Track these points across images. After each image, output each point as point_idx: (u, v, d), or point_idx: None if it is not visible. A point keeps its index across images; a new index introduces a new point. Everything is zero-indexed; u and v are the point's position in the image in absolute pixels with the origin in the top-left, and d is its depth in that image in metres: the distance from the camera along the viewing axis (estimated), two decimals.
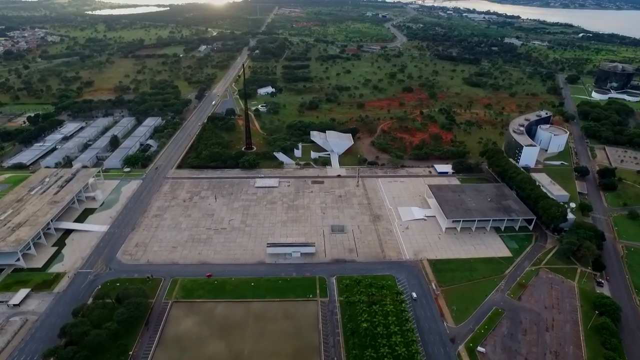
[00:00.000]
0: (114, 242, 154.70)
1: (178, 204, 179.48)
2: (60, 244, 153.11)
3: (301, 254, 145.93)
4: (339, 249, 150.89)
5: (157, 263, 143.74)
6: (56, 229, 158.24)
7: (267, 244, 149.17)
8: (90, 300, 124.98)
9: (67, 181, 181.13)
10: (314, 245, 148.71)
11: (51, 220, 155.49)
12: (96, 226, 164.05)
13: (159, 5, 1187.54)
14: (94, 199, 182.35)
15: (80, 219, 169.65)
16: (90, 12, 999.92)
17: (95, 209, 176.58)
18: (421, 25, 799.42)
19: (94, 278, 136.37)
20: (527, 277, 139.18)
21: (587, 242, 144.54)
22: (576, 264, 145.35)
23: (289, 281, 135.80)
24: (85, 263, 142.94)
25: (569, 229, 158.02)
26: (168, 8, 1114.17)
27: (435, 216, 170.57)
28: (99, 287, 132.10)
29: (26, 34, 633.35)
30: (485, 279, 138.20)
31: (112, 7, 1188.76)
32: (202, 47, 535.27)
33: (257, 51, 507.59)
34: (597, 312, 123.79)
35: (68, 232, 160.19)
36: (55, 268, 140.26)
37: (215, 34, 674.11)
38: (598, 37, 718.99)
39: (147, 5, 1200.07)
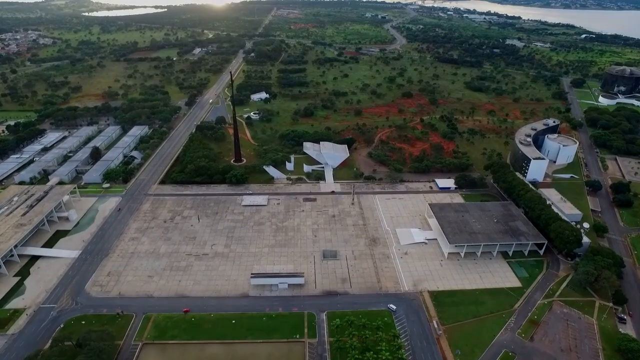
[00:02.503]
0: (85, 270, 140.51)
1: (158, 225, 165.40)
2: (24, 273, 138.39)
3: (289, 285, 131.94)
4: (330, 279, 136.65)
5: (130, 296, 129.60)
6: (21, 256, 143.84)
7: (251, 274, 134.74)
8: (48, 344, 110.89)
9: (39, 200, 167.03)
10: (303, 276, 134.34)
11: (15, 246, 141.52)
12: (66, 251, 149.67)
13: (156, 7, 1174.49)
14: (67, 219, 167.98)
15: (51, 242, 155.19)
16: (86, 14, 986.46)
17: (68, 231, 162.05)
18: (421, 27, 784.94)
19: (57, 315, 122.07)
20: (540, 312, 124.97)
21: (607, 271, 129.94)
22: (593, 295, 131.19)
23: (274, 318, 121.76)
24: (50, 296, 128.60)
25: (583, 255, 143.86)
26: (165, 9, 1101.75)
27: (436, 239, 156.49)
28: (62, 326, 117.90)
29: (18, 37, 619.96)
30: (492, 315, 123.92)
31: (109, 8, 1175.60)
32: (197, 50, 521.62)
33: (252, 54, 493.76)
34: None
35: (35, 258, 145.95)
36: (14, 303, 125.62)
37: (211, 36, 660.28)
38: (601, 38, 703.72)
39: (145, 7, 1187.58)
